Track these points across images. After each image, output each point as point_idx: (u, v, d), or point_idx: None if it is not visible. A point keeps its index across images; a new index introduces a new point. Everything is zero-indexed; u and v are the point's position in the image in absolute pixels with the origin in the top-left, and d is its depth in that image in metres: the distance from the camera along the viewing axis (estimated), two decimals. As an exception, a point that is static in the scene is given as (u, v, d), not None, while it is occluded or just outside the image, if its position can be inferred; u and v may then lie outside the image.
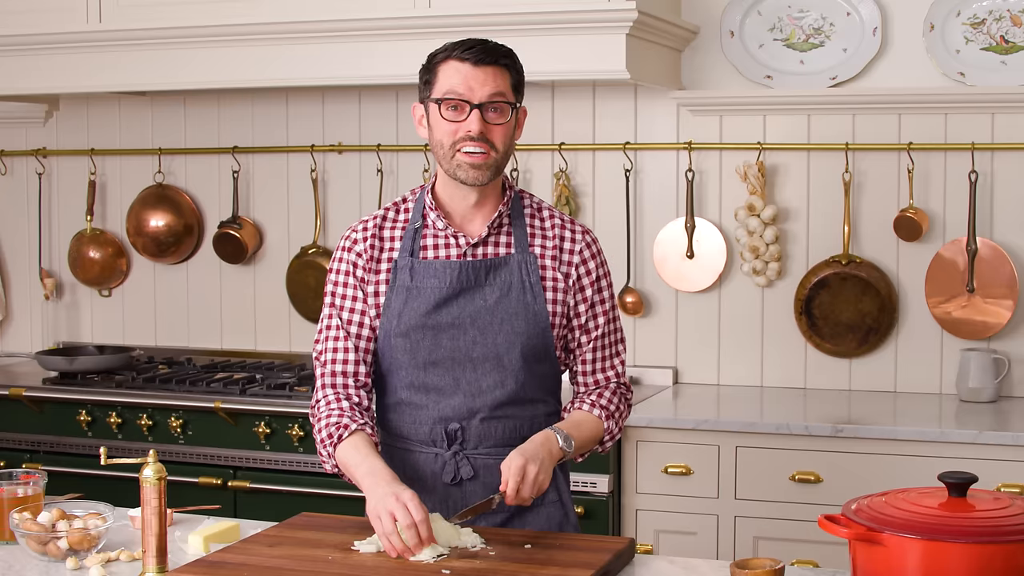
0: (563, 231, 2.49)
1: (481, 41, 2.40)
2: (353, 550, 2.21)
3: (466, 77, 2.35)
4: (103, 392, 4.03)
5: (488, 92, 2.35)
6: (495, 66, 2.36)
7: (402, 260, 2.45)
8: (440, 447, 2.45)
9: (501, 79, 2.37)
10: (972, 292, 3.79)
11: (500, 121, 2.37)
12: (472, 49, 2.36)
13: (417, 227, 2.47)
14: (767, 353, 4.06)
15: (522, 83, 2.44)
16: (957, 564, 1.80)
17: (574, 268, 2.47)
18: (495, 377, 2.42)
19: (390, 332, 2.44)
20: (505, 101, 2.37)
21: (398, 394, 2.48)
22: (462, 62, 2.36)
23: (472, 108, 2.35)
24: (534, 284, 2.44)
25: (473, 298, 2.42)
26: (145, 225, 4.62)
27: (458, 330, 2.41)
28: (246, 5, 3.89)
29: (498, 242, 2.46)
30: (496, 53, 2.38)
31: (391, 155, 4.36)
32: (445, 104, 2.37)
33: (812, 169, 3.99)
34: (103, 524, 2.31)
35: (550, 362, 2.48)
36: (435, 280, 2.42)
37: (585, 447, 2.46)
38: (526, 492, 2.26)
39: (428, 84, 2.42)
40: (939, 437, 3.35)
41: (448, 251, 2.45)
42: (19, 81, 4.20)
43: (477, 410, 2.43)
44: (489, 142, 2.37)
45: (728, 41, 3.99)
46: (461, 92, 2.35)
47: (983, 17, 3.77)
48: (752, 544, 3.51)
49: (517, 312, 2.42)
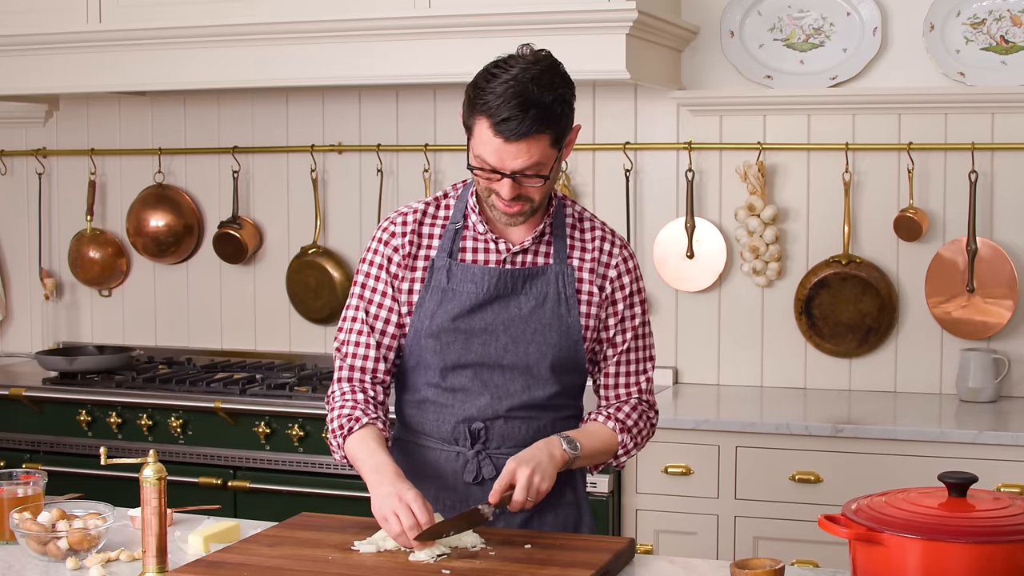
0: (603, 243, 2.45)
1: (521, 107, 2.19)
2: (353, 550, 2.21)
3: (497, 150, 2.22)
4: (103, 392, 4.03)
5: (520, 165, 2.23)
6: (530, 139, 2.21)
7: (440, 260, 2.42)
8: (463, 446, 2.44)
9: (536, 148, 2.23)
10: (972, 292, 3.79)
11: (535, 185, 2.28)
12: (507, 122, 2.19)
13: (458, 227, 2.43)
14: (767, 353, 4.06)
15: (568, 125, 2.29)
16: (957, 564, 1.80)
17: (609, 282, 2.44)
18: (522, 383, 2.41)
19: (420, 331, 2.42)
20: (538, 174, 2.26)
21: (422, 392, 2.46)
22: (495, 135, 2.21)
23: (504, 176, 2.26)
24: (569, 296, 2.41)
25: (508, 306, 2.40)
26: (145, 225, 4.62)
27: (490, 336, 2.39)
28: (246, 5, 3.89)
29: (537, 251, 2.43)
30: (532, 125, 2.20)
31: (391, 155, 4.36)
32: (477, 167, 2.28)
33: (812, 169, 3.99)
34: (103, 524, 2.31)
35: (578, 372, 2.47)
36: (472, 285, 2.40)
37: (597, 457, 2.42)
38: (519, 496, 2.23)
39: (467, 126, 2.29)
40: (939, 437, 3.35)
41: (488, 256, 2.42)
42: (19, 81, 4.20)
43: (501, 411, 2.42)
44: (524, 197, 2.30)
45: (728, 41, 3.99)
46: (493, 163, 2.24)
47: (983, 17, 3.77)
48: (752, 544, 3.51)
49: (551, 324, 2.40)
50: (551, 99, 2.23)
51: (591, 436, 2.41)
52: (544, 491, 2.26)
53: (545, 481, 2.26)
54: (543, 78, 2.23)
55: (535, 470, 2.25)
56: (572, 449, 2.34)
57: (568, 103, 2.28)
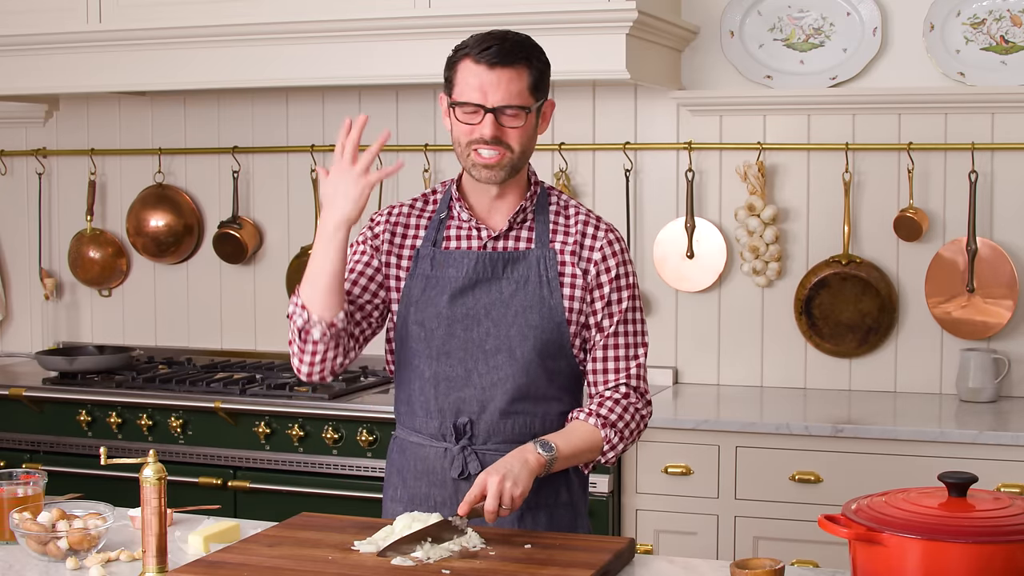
0: (586, 227, 2.47)
1: (501, 37, 2.36)
2: (353, 550, 2.21)
3: (481, 81, 2.33)
4: (103, 392, 4.03)
5: (502, 97, 2.33)
6: (512, 68, 2.33)
7: (424, 249, 2.47)
8: (449, 441, 2.45)
9: (517, 81, 2.34)
10: (972, 292, 3.79)
11: (515, 125, 2.36)
12: (489, 50, 2.33)
13: (443, 218, 2.49)
14: (767, 353, 4.06)
15: (545, 78, 2.41)
16: (957, 564, 1.80)
17: (593, 265, 2.45)
18: (507, 370, 2.41)
19: (407, 319, 2.46)
20: (520, 106, 2.35)
21: (412, 385, 2.48)
22: (477, 64, 2.33)
23: (486, 112, 2.34)
24: (551, 279, 2.43)
25: (489, 290, 2.43)
26: (145, 225, 4.62)
27: (472, 321, 2.42)
28: (246, 5, 3.89)
29: (519, 236, 2.46)
30: (514, 53, 2.34)
31: (391, 155, 4.36)
32: (460, 108, 2.36)
33: (812, 169, 3.99)
34: (103, 524, 2.31)
35: (566, 359, 2.46)
36: (453, 270, 2.43)
37: (580, 456, 2.39)
38: (490, 505, 2.20)
39: (449, 81, 2.40)
40: (939, 437, 3.35)
41: (470, 242, 2.46)
42: (19, 81, 4.20)
43: (488, 404, 2.42)
44: (504, 143, 2.36)
45: (728, 41, 3.99)
46: (475, 97, 2.34)
47: (983, 17, 3.77)
48: (752, 544, 3.51)
49: (532, 305, 2.41)
50: (530, 42, 2.40)
51: (570, 436, 2.38)
52: (518, 497, 2.23)
53: (518, 487, 2.23)
54: (520, 35, 2.42)
55: (505, 477, 2.22)
56: (547, 452, 2.31)
57: (544, 60, 2.41)
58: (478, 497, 2.23)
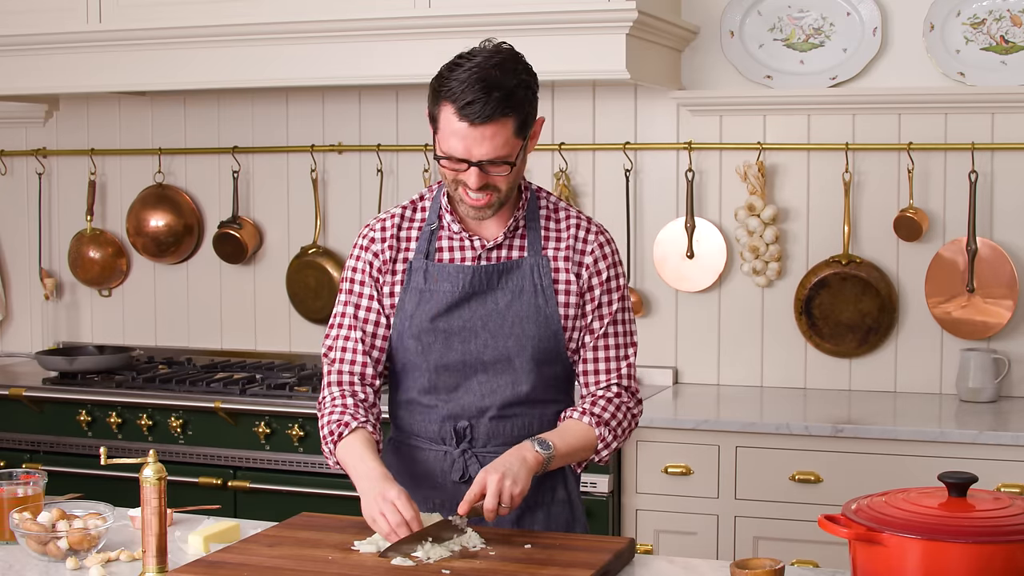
0: (577, 231, 2.46)
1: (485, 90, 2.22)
2: (353, 550, 2.21)
3: (464, 139, 2.25)
4: (103, 392, 4.03)
5: (486, 152, 2.26)
6: (495, 123, 2.24)
7: (417, 262, 2.44)
8: (449, 445, 2.45)
9: (502, 133, 2.25)
10: (972, 292, 3.79)
11: (502, 173, 2.31)
12: (472, 106, 2.22)
13: (433, 228, 2.46)
14: (767, 353, 4.06)
15: (532, 113, 2.32)
16: (957, 564, 1.80)
17: (585, 268, 2.45)
18: (506, 379, 2.42)
19: (403, 333, 2.44)
20: (504, 159, 2.28)
21: (410, 393, 2.48)
22: (460, 120, 2.24)
23: (471, 165, 2.28)
24: (546, 287, 2.42)
25: (485, 302, 2.41)
26: (145, 225, 4.62)
27: (469, 334, 2.41)
28: (246, 5, 3.89)
29: (512, 245, 2.44)
30: (498, 109, 2.23)
31: (391, 155, 4.36)
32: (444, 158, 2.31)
33: (812, 169, 3.99)
34: (103, 524, 2.31)
35: (562, 364, 2.47)
36: (447, 284, 2.41)
37: (576, 454, 2.40)
38: (489, 503, 2.20)
39: (432, 117, 2.32)
40: (939, 437, 3.35)
41: (463, 253, 2.44)
42: (19, 81, 4.20)
43: (487, 409, 2.42)
44: (491, 186, 2.32)
45: (728, 41, 3.99)
46: (458, 151, 2.27)
47: (983, 17, 3.77)
48: (752, 544, 3.51)
49: (528, 315, 2.41)
50: (514, 83, 2.27)
51: (566, 434, 2.39)
52: (518, 495, 2.23)
53: (517, 485, 2.23)
54: (506, 64, 2.28)
55: (505, 475, 2.22)
56: (544, 450, 2.31)
57: (531, 89, 2.32)
58: (478, 496, 2.23)
